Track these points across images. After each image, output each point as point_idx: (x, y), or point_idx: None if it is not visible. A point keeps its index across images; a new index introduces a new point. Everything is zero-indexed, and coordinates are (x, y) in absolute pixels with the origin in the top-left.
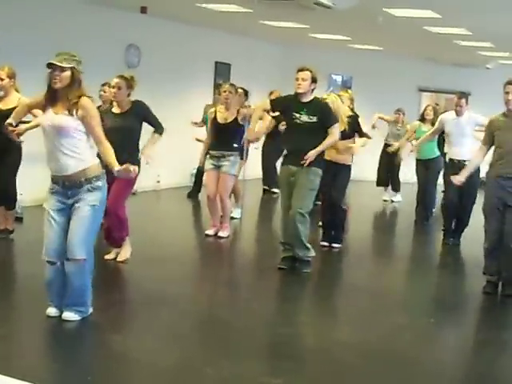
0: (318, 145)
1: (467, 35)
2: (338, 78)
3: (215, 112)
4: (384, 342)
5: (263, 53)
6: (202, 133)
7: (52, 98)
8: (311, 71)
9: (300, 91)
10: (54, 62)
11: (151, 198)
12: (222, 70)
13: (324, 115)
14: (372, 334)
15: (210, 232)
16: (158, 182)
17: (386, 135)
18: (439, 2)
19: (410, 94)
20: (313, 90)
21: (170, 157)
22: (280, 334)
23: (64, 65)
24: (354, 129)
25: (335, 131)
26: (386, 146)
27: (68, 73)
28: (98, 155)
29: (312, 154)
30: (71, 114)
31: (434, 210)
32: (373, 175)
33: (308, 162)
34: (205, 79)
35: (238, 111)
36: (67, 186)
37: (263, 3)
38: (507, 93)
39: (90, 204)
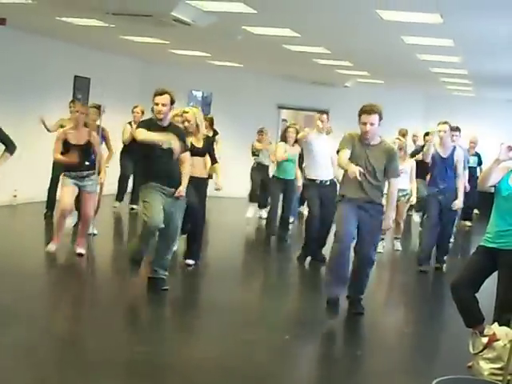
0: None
1: (326, 54)
2: (199, 94)
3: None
4: (240, 359)
5: (124, 67)
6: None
7: None
8: (169, 93)
9: (161, 117)
10: None
11: (6, 213)
12: (81, 84)
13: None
14: (229, 351)
15: (52, 248)
16: (15, 196)
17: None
18: (298, 21)
19: (269, 110)
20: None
21: (28, 171)
22: (137, 353)
23: None
24: (208, 148)
25: (184, 160)
26: (258, 164)
27: None
28: None
29: (183, 190)
30: None
31: (290, 228)
32: (235, 192)
33: (180, 194)
34: (63, 93)
35: (89, 133)
36: None
37: (122, 18)
38: (364, 124)
39: None
